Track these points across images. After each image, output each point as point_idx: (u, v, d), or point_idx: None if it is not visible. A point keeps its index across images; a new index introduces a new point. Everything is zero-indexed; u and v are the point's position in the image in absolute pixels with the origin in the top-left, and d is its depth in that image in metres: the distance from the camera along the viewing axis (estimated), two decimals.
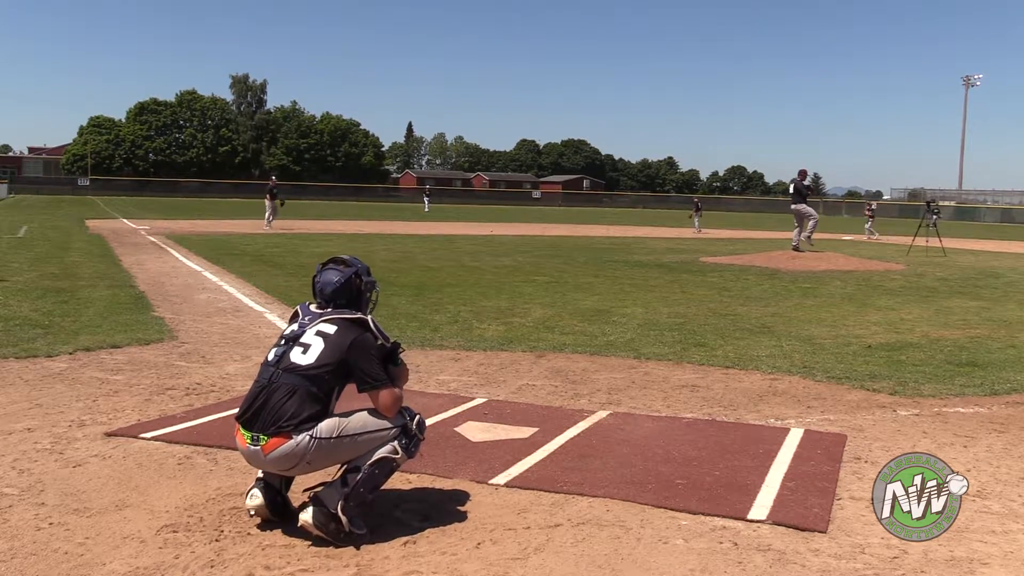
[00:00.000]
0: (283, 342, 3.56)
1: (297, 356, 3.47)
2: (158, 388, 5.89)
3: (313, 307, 3.65)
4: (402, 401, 3.55)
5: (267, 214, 28.21)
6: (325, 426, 3.39)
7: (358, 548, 3.34)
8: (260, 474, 3.56)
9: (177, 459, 4.37)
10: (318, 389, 3.42)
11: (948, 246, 23.90)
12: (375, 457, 3.42)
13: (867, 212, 36.43)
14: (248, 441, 3.41)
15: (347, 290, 3.60)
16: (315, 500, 3.39)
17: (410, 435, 3.51)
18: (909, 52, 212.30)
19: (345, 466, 3.48)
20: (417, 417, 3.57)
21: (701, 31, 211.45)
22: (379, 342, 3.54)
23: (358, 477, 3.39)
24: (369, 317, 3.59)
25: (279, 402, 3.38)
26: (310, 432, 3.36)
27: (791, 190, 20.12)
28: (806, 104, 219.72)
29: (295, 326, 3.59)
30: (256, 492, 3.51)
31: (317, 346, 3.47)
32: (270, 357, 3.55)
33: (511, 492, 3.98)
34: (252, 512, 3.52)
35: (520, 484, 4.08)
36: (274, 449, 3.35)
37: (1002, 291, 13.62)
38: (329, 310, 3.59)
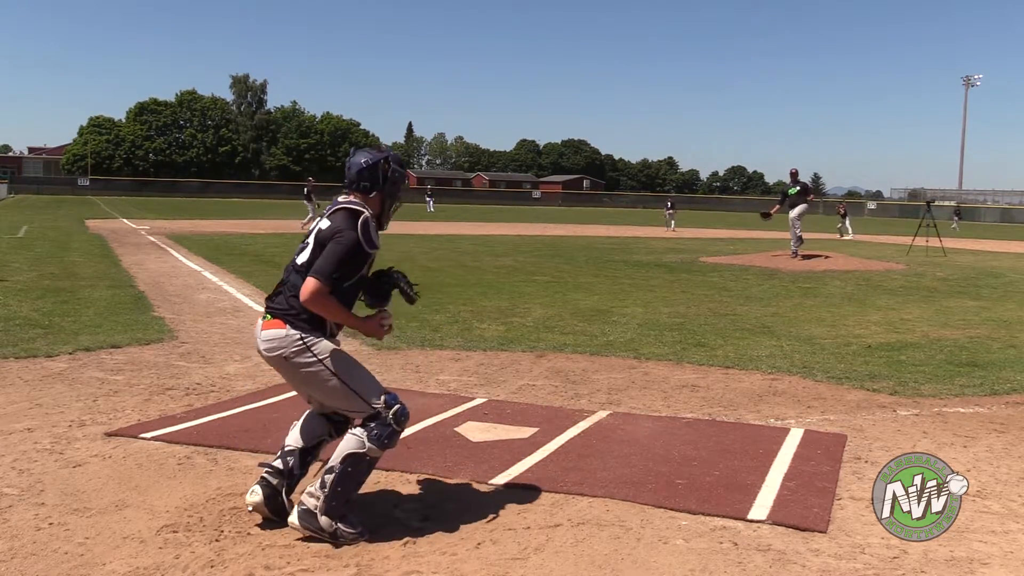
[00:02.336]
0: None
1: (300, 255, 3.46)
2: (158, 388, 5.88)
3: (340, 197, 3.56)
4: (322, 301, 3.27)
5: (309, 216, 28.29)
6: (323, 345, 3.37)
7: (337, 546, 3.34)
8: (264, 472, 3.56)
9: (177, 459, 4.37)
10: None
11: (948, 246, 23.90)
12: (343, 453, 3.37)
13: (840, 211, 37.34)
14: (261, 317, 3.47)
15: (372, 174, 3.48)
16: (300, 502, 3.41)
17: (384, 423, 3.37)
18: (909, 52, 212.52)
19: (322, 466, 3.49)
20: (397, 407, 3.40)
21: (701, 31, 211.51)
22: (362, 245, 3.37)
23: (332, 477, 3.36)
24: (366, 212, 3.41)
25: (289, 294, 3.42)
26: (305, 336, 3.34)
27: (799, 191, 18.41)
28: (806, 104, 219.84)
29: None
30: (256, 489, 3.52)
31: (309, 246, 3.44)
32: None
33: (511, 492, 3.98)
34: (251, 508, 3.53)
35: (520, 484, 4.08)
36: (268, 329, 3.39)
37: (1002, 291, 13.62)
38: (338, 199, 3.50)
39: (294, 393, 5.74)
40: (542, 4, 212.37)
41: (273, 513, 3.52)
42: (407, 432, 4.85)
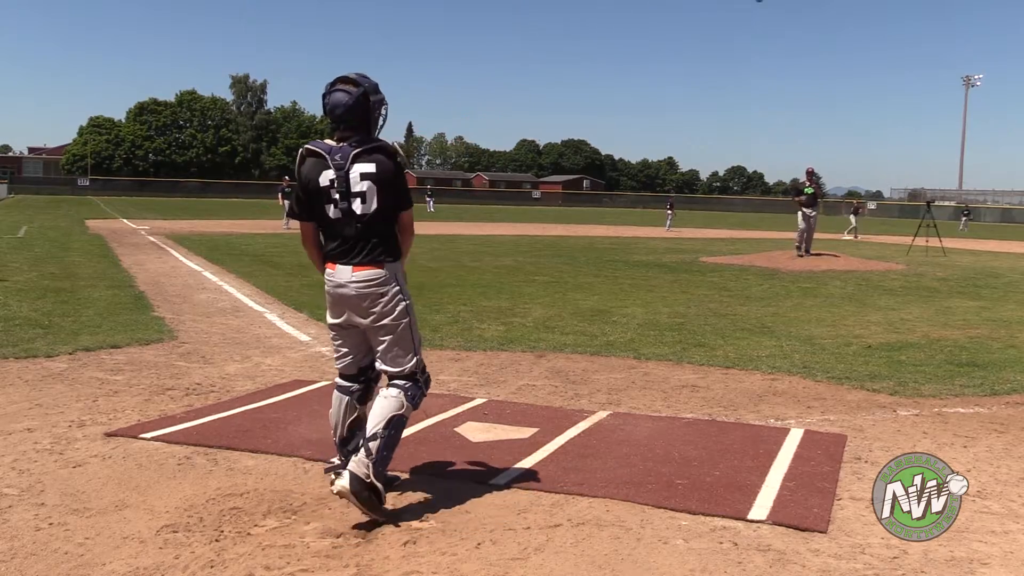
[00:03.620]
0: (337, 196, 3.61)
1: (359, 206, 3.61)
2: (158, 388, 5.88)
3: (329, 141, 3.68)
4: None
5: (285, 215, 28.65)
6: (407, 289, 3.76)
7: (382, 515, 3.38)
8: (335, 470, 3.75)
9: (177, 459, 4.37)
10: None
11: (948, 246, 23.90)
12: (387, 417, 3.59)
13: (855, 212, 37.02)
14: (341, 265, 3.72)
15: (356, 110, 3.63)
16: (349, 471, 3.52)
17: (418, 385, 3.74)
18: (909, 52, 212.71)
19: (364, 438, 3.62)
20: (427, 373, 3.84)
21: (701, 31, 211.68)
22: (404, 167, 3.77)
23: (378, 443, 3.55)
24: (393, 142, 3.71)
25: (374, 243, 3.68)
26: (399, 278, 3.70)
27: (814, 193, 18.67)
28: (806, 104, 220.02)
29: (331, 172, 3.60)
30: (344, 474, 3.59)
31: (366, 194, 3.60)
32: (333, 214, 3.63)
33: (511, 492, 3.98)
34: (338, 494, 3.56)
35: (520, 484, 4.08)
36: (363, 271, 3.66)
37: (1002, 291, 13.62)
38: (355, 142, 3.61)
39: (294, 393, 5.77)
40: (542, 4, 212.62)
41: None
42: (407, 432, 4.85)
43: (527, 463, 4.37)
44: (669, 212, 38.18)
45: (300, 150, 3.74)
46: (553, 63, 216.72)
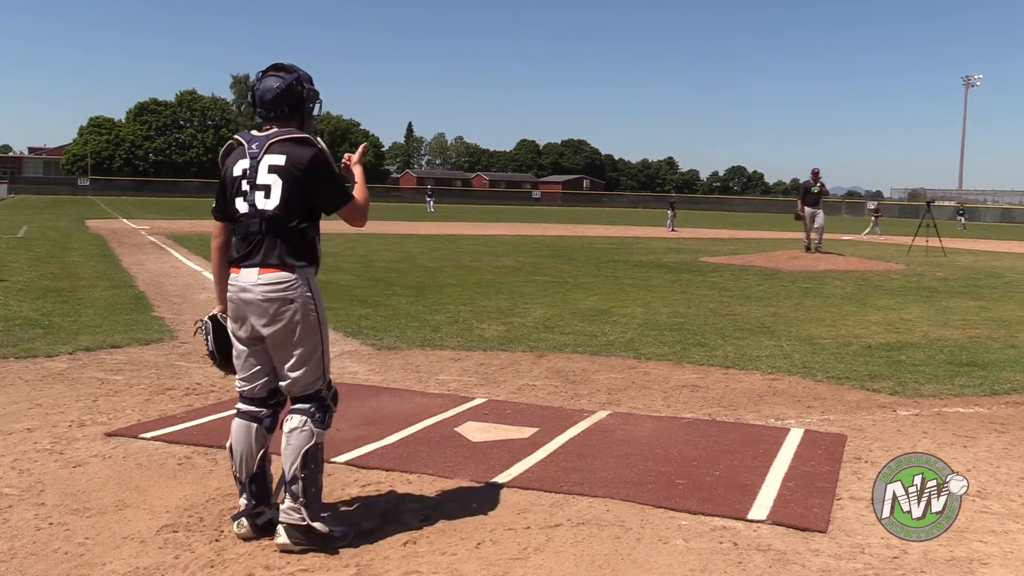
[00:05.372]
0: (246, 188, 3.31)
1: (262, 201, 3.27)
2: (158, 388, 5.88)
3: (254, 132, 3.39)
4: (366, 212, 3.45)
5: None
6: (319, 296, 3.37)
7: (335, 550, 3.30)
8: (242, 517, 3.40)
9: (177, 459, 4.37)
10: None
11: (948, 246, 23.90)
12: (301, 453, 3.26)
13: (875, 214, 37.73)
14: (244, 268, 3.36)
15: (289, 97, 3.34)
16: (283, 525, 3.28)
17: (324, 406, 3.37)
18: (909, 52, 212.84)
19: (284, 483, 3.33)
20: (334, 389, 3.47)
21: (701, 31, 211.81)
22: (331, 162, 3.35)
23: (302, 485, 3.26)
24: (318, 139, 3.37)
25: (284, 243, 3.31)
26: (310, 284, 3.33)
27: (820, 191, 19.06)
28: (806, 104, 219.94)
29: (245, 162, 3.32)
30: (243, 521, 3.38)
31: (276, 185, 3.27)
32: (241, 208, 3.31)
33: (511, 492, 3.98)
34: (243, 538, 3.39)
35: (520, 484, 4.07)
36: (269, 273, 3.29)
37: (1002, 291, 13.62)
38: (272, 131, 3.33)
39: None
40: (542, 4, 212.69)
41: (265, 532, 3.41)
42: (407, 432, 4.87)
43: (527, 463, 4.37)
44: (671, 213, 38.31)
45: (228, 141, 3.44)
46: (553, 63, 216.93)
